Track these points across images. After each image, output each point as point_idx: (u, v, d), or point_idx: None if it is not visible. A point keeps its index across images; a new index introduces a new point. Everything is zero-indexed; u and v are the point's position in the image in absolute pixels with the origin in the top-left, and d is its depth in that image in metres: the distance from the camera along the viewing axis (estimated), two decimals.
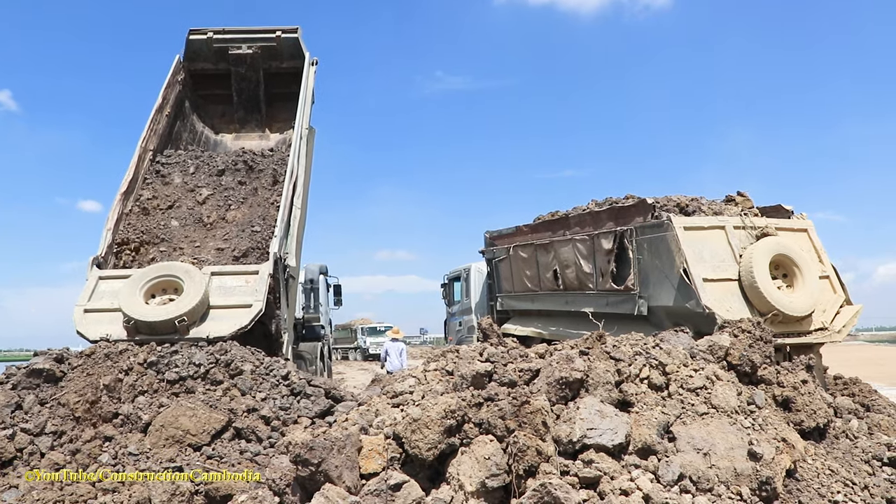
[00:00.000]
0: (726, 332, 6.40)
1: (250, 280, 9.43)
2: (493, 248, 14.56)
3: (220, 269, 9.65)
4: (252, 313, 9.00)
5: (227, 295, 9.25)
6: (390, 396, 5.58)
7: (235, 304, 9.14)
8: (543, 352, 5.90)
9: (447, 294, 19.15)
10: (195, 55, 13.74)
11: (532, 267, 12.85)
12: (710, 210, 9.79)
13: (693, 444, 4.88)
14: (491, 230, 14.78)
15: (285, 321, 10.20)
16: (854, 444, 6.11)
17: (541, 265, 12.52)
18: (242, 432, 7.14)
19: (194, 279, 9.09)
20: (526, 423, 4.57)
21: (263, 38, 13.77)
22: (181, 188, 11.56)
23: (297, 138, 11.74)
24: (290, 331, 10.82)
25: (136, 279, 9.16)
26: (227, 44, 13.72)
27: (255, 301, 9.10)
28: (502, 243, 14.13)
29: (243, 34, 13.84)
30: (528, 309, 13.60)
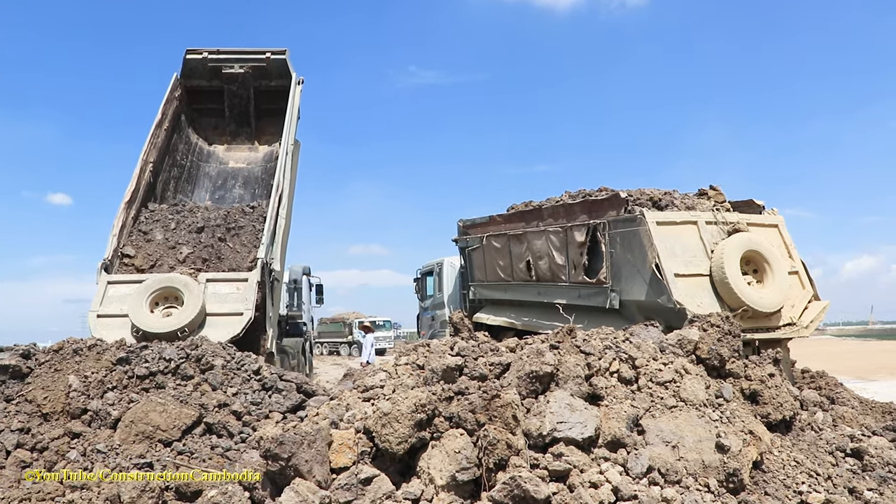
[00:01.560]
0: (695, 327, 6.48)
1: (241, 287, 10.57)
2: (467, 237, 14.58)
3: (214, 276, 10.78)
4: (244, 321, 10.15)
5: (220, 302, 10.39)
6: (361, 391, 5.58)
7: (229, 311, 10.29)
8: (514, 346, 5.93)
9: (420, 288, 19.15)
10: (191, 73, 14.88)
11: (505, 257, 12.88)
12: (683, 204, 9.85)
13: (662, 436, 4.94)
14: (464, 218, 14.81)
15: (271, 319, 11.18)
16: (819, 436, 6.22)
17: (514, 255, 12.55)
18: (213, 427, 7.08)
19: (193, 292, 10.17)
20: (496, 416, 4.59)
21: (254, 59, 15.09)
22: (162, 245, 12.26)
23: (284, 153, 12.90)
24: (275, 327, 11.93)
25: (142, 290, 10.26)
26: (220, 63, 14.93)
27: (245, 310, 10.27)
28: (476, 232, 14.15)
29: (236, 55, 15.12)
30: (501, 299, 13.64)
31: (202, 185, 14.66)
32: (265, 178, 14.43)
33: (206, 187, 14.64)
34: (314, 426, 4.82)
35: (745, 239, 9.08)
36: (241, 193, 14.50)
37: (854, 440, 6.09)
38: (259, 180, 14.67)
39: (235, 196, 14.42)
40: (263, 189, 14.16)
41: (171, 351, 8.03)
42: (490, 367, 5.32)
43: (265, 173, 14.65)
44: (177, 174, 14.18)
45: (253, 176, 14.87)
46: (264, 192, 13.91)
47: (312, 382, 8.63)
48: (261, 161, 15.19)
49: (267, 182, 14.03)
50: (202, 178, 14.78)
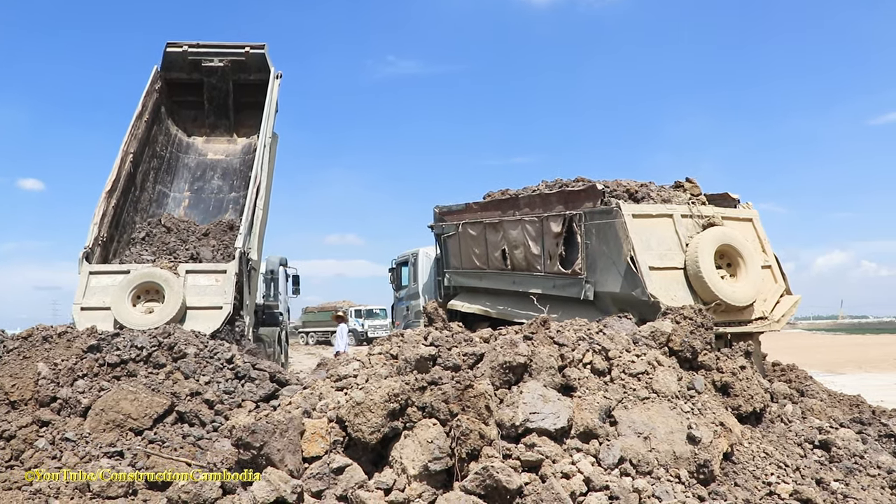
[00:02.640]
0: (668, 319, 6.51)
1: (220, 279, 10.87)
2: (443, 224, 14.56)
3: (193, 268, 11.09)
4: (223, 315, 10.49)
5: (200, 295, 10.71)
6: (334, 380, 5.55)
7: (208, 305, 10.61)
8: (488, 336, 5.92)
9: (395, 278, 19.14)
10: (171, 65, 15.19)
11: (481, 245, 12.89)
12: (659, 196, 9.89)
13: (634, 427, 4.97)
14: (441, 205, 14.82)
15: (248, 307, 11.56)
16: (788, 428, 6.30)
17: (489, 244, 12.56)
18: (185, 416, 7.04)
19: (173, 288, 10.47)
20: (469, 406, 4.58)
21: (233, 53, 15.43)
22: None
23: (262, 146, 13.26)
24: (252, 315, 12.39)
25: (124, 285, 10.53)
26: (200, 56, 15.30)
27: (224, 303, 10.60)
28: (452, 219, 14.14)
29: (215, 48, 15.47)
30: (476, 286, 13.65)
31: (181, 175, 14.91)
32: (243, 170, 14.73)
33: (186, 178, 14.89)
34: (287, 415, 4.79)
35: (719, 233, 9.14)
36: (220, 185, 14.80)
37: (822, 432, 6.18)
38: (237, 172, 14.97)
39: (214, 187, 14.76)
40: (242, 181, 14.45)
41: (142, 339, 7.96)
42: (463, 357, 5.31)
43: (243, 165, 14.96)
44: (156, 165, 14.40)
45: (231, 168, 15.19)
46: (242, 184, 14.21)
47: (286, 372, 8.62)
48: (239, 153, 15.48)
49: (245, 174, 14.36)
50: (181, 170, 15.03)
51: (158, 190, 14.17)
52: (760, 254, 9.72)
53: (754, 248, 9.58)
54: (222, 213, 14.00)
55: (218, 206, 14.28)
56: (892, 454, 6.19)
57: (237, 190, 14.44)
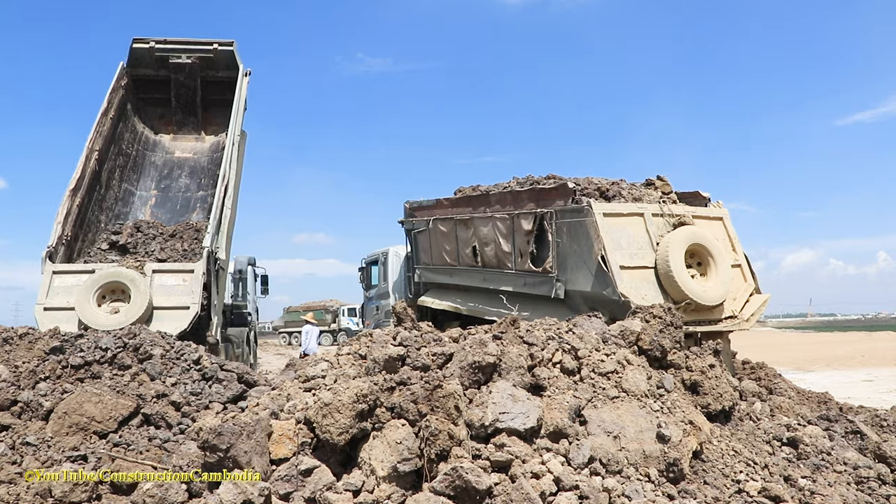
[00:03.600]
0: (638, 318, 6.56)
1: (187, 279, 10.82)
2: (413, 220, 14.59)
3: (160, 267, 11.02)
4: (190, 316, 10.47)
5: (167, 295, 10.66)
6: (302, 381, 5.52)
7: (175, 305, 10.58)
8: (457, 336, 5.92)
9: (365, 278, 19.12)
10: (137, 62, 15.04)
11: (451, 241, 12.92)
12: (630, 195, 9.97)
13: (604, 427, 4.99)
14: (411, 200, 14.82)
15: (216, 307, 11.60)
16: (757, 426, 6.38)
17: (460, 240, 12.59)
18: (151, 418, 6.94)
19: (139, 288, 10.41)
20: (438, 407, 4.58)
21: (201, 50, 15.33)
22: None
23: (230, 144, 13.19)
24: (220, 315, 12.35)
25: (89, 285, 10.40)
26: (167, 53, 15.18)
27: (192, 303, 10.57)
28: (422, 215, 14.16)
29: (183, 45, 15.36)
30: (446, 283, 13.70)
31: (148, 174, 14.80)
32: (211, 169, 14.66)
33: (152, 176, 14.78)
34: (254, 417, 4.76)
35: (690, 232, 9.24)
36: (187, 183, 14.72)
37: (790, 429, 6.26)
38: (205, 170, 14.89)
39: (181, 185, 14.68)
40: (209, 179, 14.39)
41: (107, 340, 7.85)
42: (433, 357, 5.31)
43: (211, 164, 14.89)
44: (122, 163, 14.24)
45: (199, 166, 15.11)
46: (210, 183, 14.16)
47: (255, 373, 8.56)
48: (207, 151, 15.41)
49: (213, 172, 14.32)
50: (148, 168, 14.91)
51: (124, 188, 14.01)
52: (730, 253, 9.85)
53: (724, 247, 9.70)
54: (189, 213, 13.94)
55: (185, 204, 14.18)
56: (858, 451, 6.28)
57: (205, 189, 14.33)
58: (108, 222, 13.14)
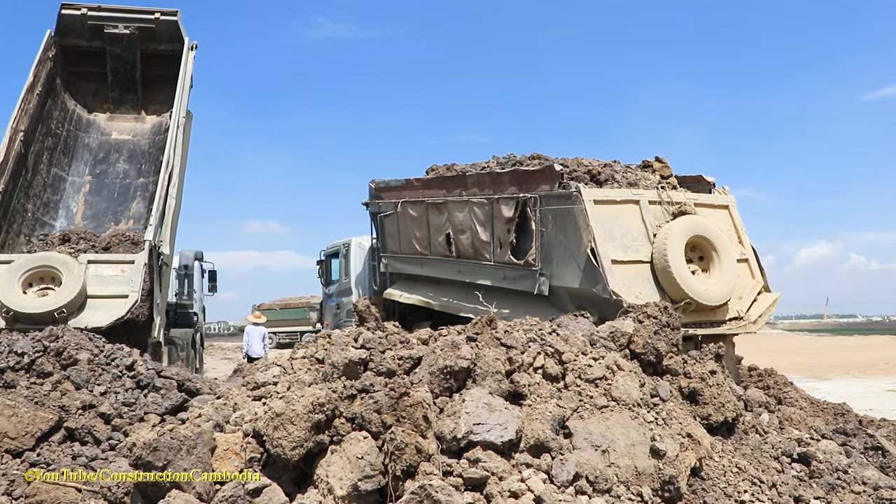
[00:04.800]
0: (630, 318, 6.64)
1: (126, 269, 10.82)
2: (379, 202, 14.62)
3: (96, 258, 10.94)
4: (129, 304, 10.41)
5: (103, 284, 10.63)
6: (251, 388, 5.54)
7: (112, 293, 10.55)
8: (426, 337, 5.97)
9: (324, 272, 19.13)
10: (67, 30, 14.82)
11: (422, 227, 12.97)
12: (625, 179, 10.00)
13: (591, 440, 5.07)
14: (378, 179, 14.84)
15: (158, 306, 11.57)
16: (764, 440, 6.50)
17: (432, 227, 12.65)
18: (76, 433, 6.92)
19: (72, 271, 10.37)
20: (405, 417, 4.63)
21: (141, 19, 15.21)
22: None
23: (175, 127, 13.21)
24: (163, 315, 12.32)
25: (14, 269, 10.36)
26: (102, 21, 14.98)
27: (131, 292, 10.54)
28: (390, 196, 14.19)
29: (120, 13, 15.16)
30: (416, 274, 13.78)
31: (81, 157, 14.70)
32: (153, 153, 14.65)
33: (86, 160, 14.69)
34: (195, 429, 4.77)
35: (691, 222, 9.29)
36: (126, 168, 14.67)
37: (801, 444, 6.36)
38: (146, 154, 14.86)
39: (119, 171, 14.61)
40: (151, 164, 14.41)
41: (24, 343, 7.78)
42: (399, 361, 5.36)
43: (153, 147, 14.87)
44: (51, 145, 14.13)
45: (139, 149, 15.06)
46: (152, 168, 14.18)
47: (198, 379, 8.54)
48: (148, 133, 15.38)
49: (155, 157, 14.32)
50: (81, 150, 14.82)
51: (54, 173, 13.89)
52: (736, 246, 9.94)
53: (730, 240, 9.78)
54: (129, 201, 13.93)
55: (124, 192, 14.14)
56: (879, 469, 6.38)
57: (146, 175, 14.30)
58: (37, 210, 13.06)
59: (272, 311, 48.04)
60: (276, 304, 48.57)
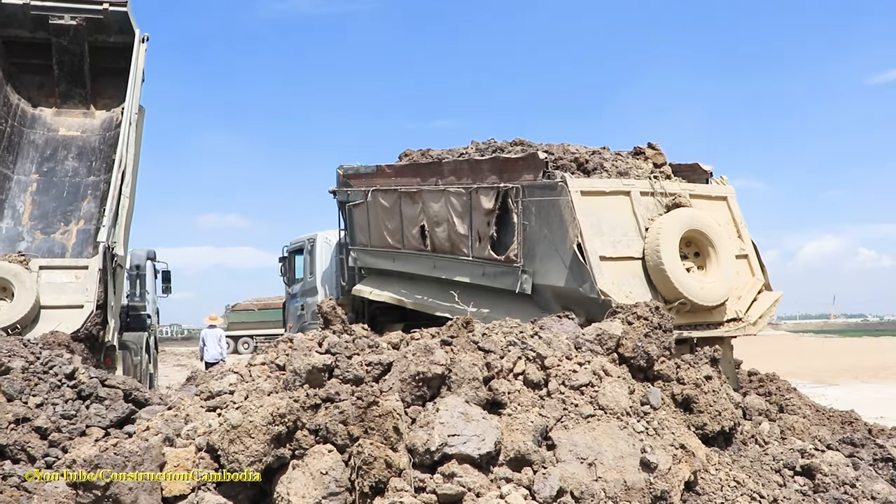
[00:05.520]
0: (618, 319, 6.68)
1: (81, 276, 11.33)
2: (348, 190, 14.67)
3: (48, 263, 11.54)
4: (84, 315, 10.92)
5: (57, 293, 11.17)
6: (205, 398, 5.53)
7: (67, 303, 11.08)
8: (398, 341, 5.99)
9: (287, 270, 19.06)
10: (8, 20, 15.13)
11: (394, 219, 13.00)
12: (615, 168, 10.04)
13: (576, 452, 5.11)
14: (346, 165, 14.88)
15: (112, 309, 11.96)
16: (764, 451, 6.55)
17: (405, 218, 12.68)
18: (7, 450, 6.85)
19: (25, 284, 10.87)
20: (373, 428, 4.64)
21: (89, 10, 15.40)
22: None
23: (127, 123, 13.55)
24: (117, 319, 12.80)
25: None
26: (46, 12, 15.19)
27: (86, 301, 11.05)
28: (360, 184, 14.23)
29: (65, 3, 15.33)
30: (388, 269, 13.83)
31: (26, 155, 14.89)
32: (104, 150, 14.90)
33: (32, 158, 14.87)
34: (142, 444, 4.75)
35: (686, 216, 9.33)
36: (76, 166, 14.86)
37: (805, 455, 6.41)
38: (97, 152, 15.06)
39: (68, 169, 14.80)
40: (102, 162, 14.65)
41: None
42: (367, 367, 5.37)
43: (104, 143, 15.09)
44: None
45: (89, 146, 15.24)
46: (103, 166, 14.45)
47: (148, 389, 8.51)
48: (98, 129, 15.57)
49: (106, 154, 14.60)
50: (26, 147, 15.00)
51: None
52: (735, 240, 10.02)
53: (728, 234, 9.84)
54: (79, 201, 14.10)
55: (73, 192, 14.29)
56: (890, 482, 6.44)
57: (96, 173, 14.47)
58: None
59: (249, 312, 47.85)
60: (253, 303, 48.29)
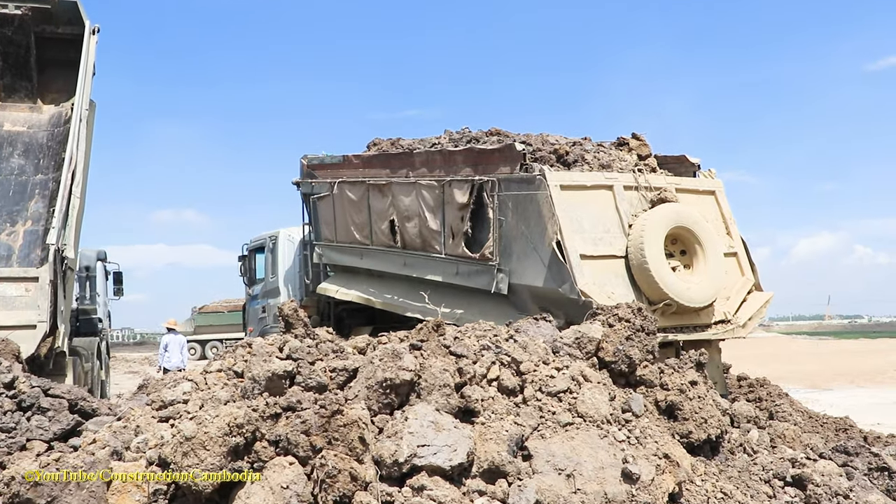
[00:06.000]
0: (598, 321, 6.71)
1: (31, 288, 11.16)
2: (312, 182, 14.68)
3: None
4: (38, 336, 10.79)
5: (6, 309, 10.98)
6: (157, 408, 5.51)
7: (17, 323, 10.82)
8: (364, 346, 5.99)
9: (247, 270, 19.03)
10: None
11: (362, 212, 13.03)
12: (597, 160, 10.09)
13: (553, 463, 5.13)
14: (310, 155, 14.91)
15: (62, 313, 11.94)
16: (753, 461, 6.61)
17: (374, 212, 12.71)
18: None
19: None
20: (337, 439, 4.64)
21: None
22: None
23: (77, 119, 13.50)
24: (67, 323, 12.83)
25: None
26: None
27: (38, 321, 10.91)
28: (325, 175, 14.25)
29: None
30: (355, 267, 13.87)
31: None
32: (52, 147, 14.86)
33: None
34: (88, 458, 4.73)
35: (672, 211, 9.40)
36: (22, 164, 14.77)
37: (796, 465, 6.47)
38: (45, 149, 15.02)
39: (14, 167, 14.71)
40: (50, 160, 14.62)
41: None
42: (331, 373, 5.37)
43: (52, 140, 15.04)
44: None
45: (36, 143, 15.21)
46: (51, 164, 14.44)
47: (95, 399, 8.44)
48: (46, 125, 15.53)
49: (55, 151, 14.57)
50: None
51: None
52: (724, 238, 10.10)
53: (716, 231, 9.92)
54: (27, 200, 14.03)
55: (20, 191, 14.21)
56: (886, 492, 6.52)
57: (44, 171, 14.42)
58: None
59: (218, 315, 47.46)
60: (222, 305, 47.90)
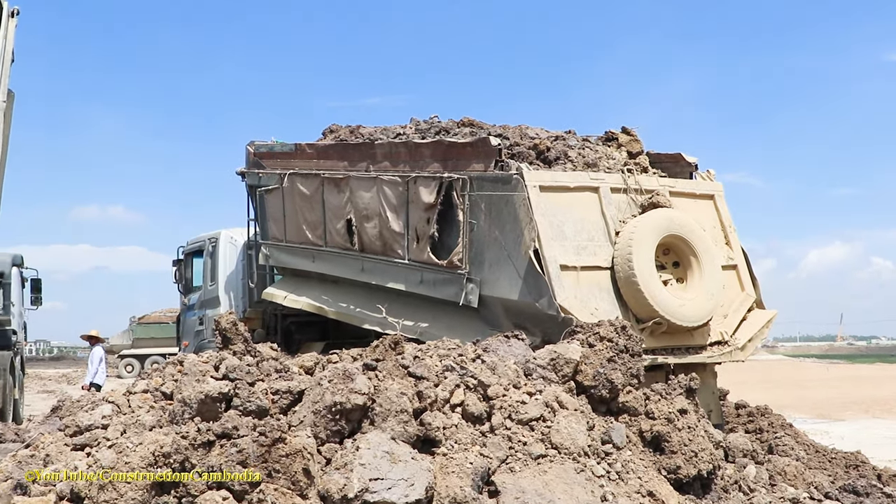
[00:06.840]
0: (577, 340, 6.71)
1: None
2: (259, 172, 14.57)
3: None
4: None
5: None
6: (71, 433, 5.46)
7: None
8: (311, 365, 5.96)
9: (182, 276, 18.86)
10: None
11: (315, 209, 12.96)
12: (581, 158, 10.03)
13: (523, 500, 5.13)
14: (258, 142, 14.80)
15: None
16: (749, 500, 6.62)
17: (329, 209, 12.62)
18: None
19: None
20: (279, 471, 4.63)
21: None
22: None
23: None
24: None
25: None
26: None
27: None
28: (274, 166, 14.14)
29: None
30: (306, 270, 13.82)
31: None
32: None
33: None
34: None
35: (664, 218, 9.35)
36: None
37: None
38: None
39: None
40: None
41: None
42: (273, 396, 5.35)
43: None
44: None
45: None
46: None
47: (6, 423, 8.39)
48: None
49: None
50: None
51: None
52: (723, 248, 10.10)
53: (714, 240, 9.91)
54: None
55: None
56: None
57: None
58: None
59: (161, 327, 46.85)
60: (165, 315, 47.22)
